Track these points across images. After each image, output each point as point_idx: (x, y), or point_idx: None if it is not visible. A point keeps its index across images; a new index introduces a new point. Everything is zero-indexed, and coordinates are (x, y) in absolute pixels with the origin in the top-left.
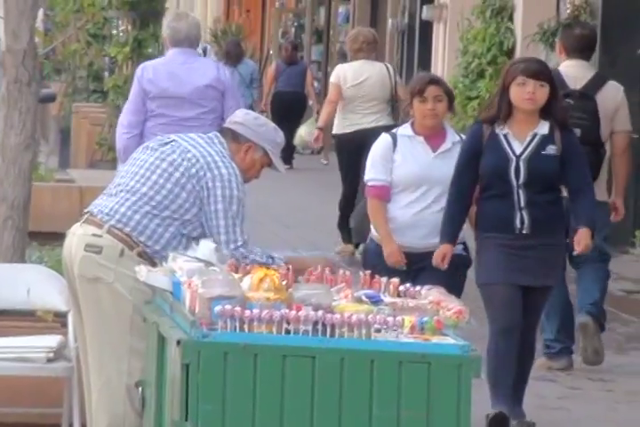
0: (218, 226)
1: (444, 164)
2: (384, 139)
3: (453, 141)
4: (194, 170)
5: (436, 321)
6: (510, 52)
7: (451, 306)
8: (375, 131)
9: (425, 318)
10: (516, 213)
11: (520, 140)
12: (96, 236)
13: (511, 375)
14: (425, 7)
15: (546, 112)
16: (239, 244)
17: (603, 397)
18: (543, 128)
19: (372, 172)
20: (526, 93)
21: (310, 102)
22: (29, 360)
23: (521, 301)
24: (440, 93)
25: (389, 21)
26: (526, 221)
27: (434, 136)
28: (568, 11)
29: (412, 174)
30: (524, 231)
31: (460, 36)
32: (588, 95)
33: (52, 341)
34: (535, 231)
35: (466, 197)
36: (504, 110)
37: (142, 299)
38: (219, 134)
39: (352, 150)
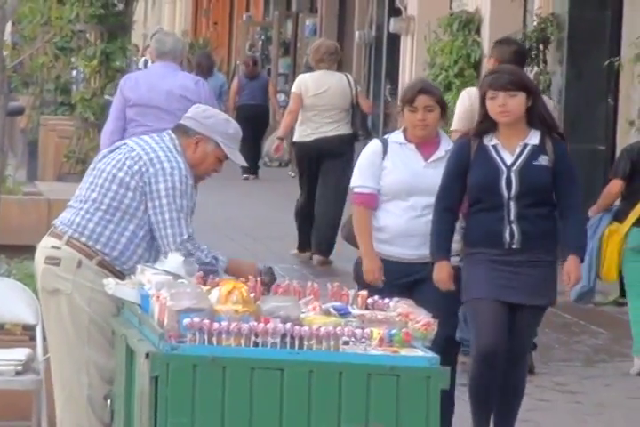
0: (163, 220)
1: (436, 172)
2: (374, 144)
3: (447, 149)
4: (136, 167)
5: (405, 333)
6: (477, 65)
7: (419, 318)
8: (334, 139)
9: (393, 331)
10: (506, 227)
11: (510, 151)
12: (55, 248)
13: (489, 409)
14: (392, 20)
15: (533, 121)
16: (184, 237)
17: (571, 409)
18: (533, 138)
19: (360, 178)
20: (497, 107)
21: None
22: None
23: (507, 321)
24: (431, 103)
25: (357, 34)
26: (516, 234)
27: (426, 144)
28: (535, 23)
29: (403, 182)
30: (514, 246)
31: (427, 49)
32: None
33: (21, 354)
34: (525, 246)
35: (453, 212)
36: (487, 123)
37: (100, 310)
38: (171, 131)
39: (311, 158)
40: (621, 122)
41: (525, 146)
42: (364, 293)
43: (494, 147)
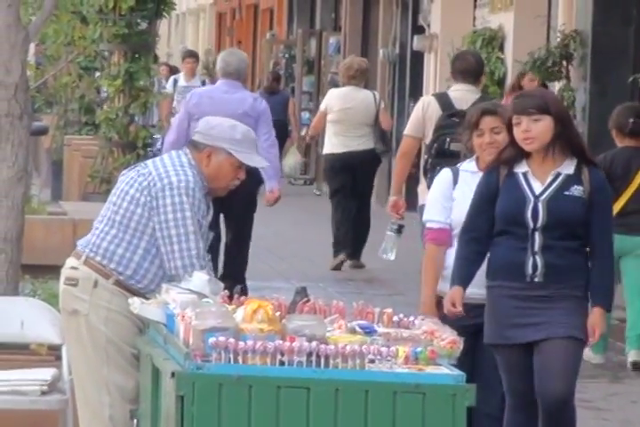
0: (169, 235)
1: None
2: (444, 174)
3: None
4: (145, 182)
5: (430, 351)
6: (501, 82)
7: (444, 336)
8: (361, 153)
9: (419, 349)
10: (529, 258)
11: (541, 179)
12: (73, 268)
13: None
14: (415, 37)
15: (568, 148)
16: (193, 252)
17: (598, 426)
18: (569, 167)
19: (431, 212)
20: (521, 133)
21: (291, 130)
22: (23, 393)
23: (530, 364)
24: (497, 125)
25: (380, 51)
26: (539, 267)
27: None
28: (558, 39)
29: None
30: (536, 279)
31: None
32: None
33: (46, 374)
34: (550, 280)
35: (481, 243)
36: (513, 150)
37: (117, 330)
38: (186, 147)
39: (341, 170)
40: None
41: (558, 175)
42: (390, 310)
43: (524, 174)
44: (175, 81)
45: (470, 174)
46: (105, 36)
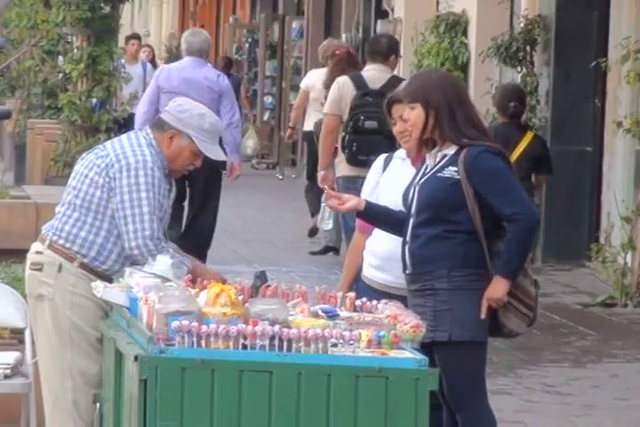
0: (125, 216)
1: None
2: (377, 162)
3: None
4: (103, 164)
5: (393, 335)
6: (464, 67)
7: (407, 320)
8: None
9: (382, 333)
10: (404, 249)
11: (431, 163)
12: (38, 253)
13: None
14: (379, 22)
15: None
16: (147, 233)
17: (560, 410)
18: (453, 147)
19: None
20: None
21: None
22: None
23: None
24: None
25: (343, 36)
26: (407, 257)
27: (420, 159)
28: (522, 24)
29: (391, 201)
30: (407, 271)
31: (414, 51)
32: (384, 93)
33: (9, 357)
34: (418, 271)
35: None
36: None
37: (82, 314)
38: (148, 126)
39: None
40: (609, 123)
41: (444, 156)
42: (352, 295)
43: (425, 160)
44: (144, 63)
45: (400, 160)
46: (68, 19)
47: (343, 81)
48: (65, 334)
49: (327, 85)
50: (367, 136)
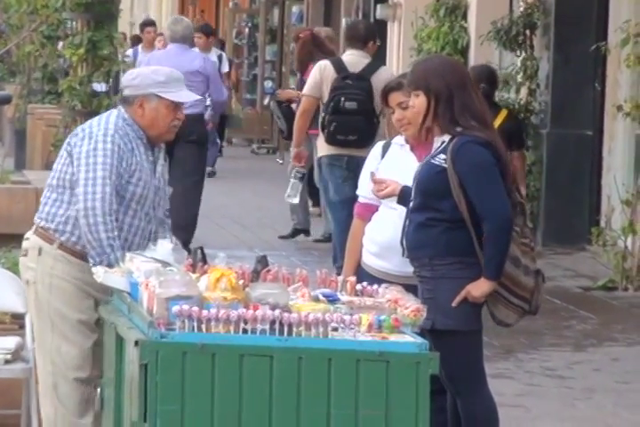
0: (79, 179)
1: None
2: (375, 149)
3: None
4: (73, 141)
5: (394, 319)
6: (464, 51)
7: (408, 304)
8: None
9: (382, 317)
10: (403, 232)
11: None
12: (26, 239)
13: None
14: (379, 6)
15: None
16: (97, 196)
17: (561, 394)
18: (448, 134)
19: (360, 187)
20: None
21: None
22: None
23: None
24: (403, 100)
25: (343, 20)
26: (403, 243)
27: (421, 145)
28: (521, 9)
29: None
30: (404, 256)
31: (414, 35)
32: (363, 77)
33: (10, 342)
34: (411, 257)
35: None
36: None
37: (61, 296)
38: (120, 105)
39: None
40: (608, 107)
41: (442, 143)
42: (353, 279)
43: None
44: (136, 52)
45: (399, 147)
46: (68, 4)
47: (324, 65)
48: (45, 316)
49: (298, 69)
50: (347, 116)
